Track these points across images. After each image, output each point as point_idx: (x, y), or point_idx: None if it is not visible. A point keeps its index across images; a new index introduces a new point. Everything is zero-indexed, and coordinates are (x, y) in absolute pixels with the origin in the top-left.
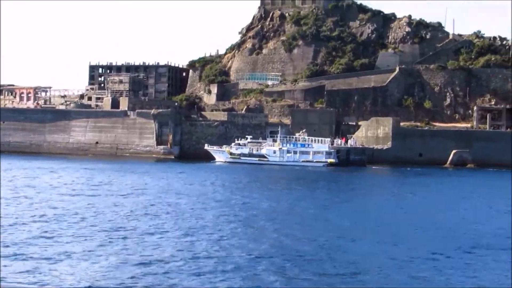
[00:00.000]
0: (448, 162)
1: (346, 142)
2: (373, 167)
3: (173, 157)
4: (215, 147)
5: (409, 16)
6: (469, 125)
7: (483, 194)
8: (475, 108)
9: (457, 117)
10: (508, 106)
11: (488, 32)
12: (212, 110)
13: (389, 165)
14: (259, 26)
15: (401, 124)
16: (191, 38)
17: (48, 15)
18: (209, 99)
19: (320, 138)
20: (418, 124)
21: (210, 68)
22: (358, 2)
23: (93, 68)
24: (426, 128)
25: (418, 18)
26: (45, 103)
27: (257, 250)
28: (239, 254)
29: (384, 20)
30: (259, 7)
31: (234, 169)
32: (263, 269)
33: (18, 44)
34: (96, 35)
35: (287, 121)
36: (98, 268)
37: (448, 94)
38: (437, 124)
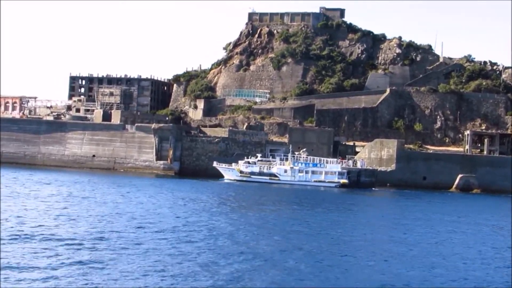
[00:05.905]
0: (454, 186)
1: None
2: (376, 189)
3: (173, 173)
4: (224, 165)
5: (399, 38)
6: (460, 149)
7: None
8: (466, 132)
9: (447, 141)
10: (500, 131)
11: (478, 57)
12: (198, 126)
13: (393, 188)
14: (247, 42)
15: None
16: (173, 52)
17: (29, 24)
18: (195, 114)
19: (329, 159)
20: (411, 146)
21: (196, 83)
22: (348, 22)
23: (73, 79)
24: (431, 151)
25: (408, 40)
26: (30, 114)
27: None
28: None
29: (374, 41)
30: (247, 23)
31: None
32: None
33: None
34: (77, 46)
35: (277, 138)
36: None
37: (438, 117)
38: (428, 147)
